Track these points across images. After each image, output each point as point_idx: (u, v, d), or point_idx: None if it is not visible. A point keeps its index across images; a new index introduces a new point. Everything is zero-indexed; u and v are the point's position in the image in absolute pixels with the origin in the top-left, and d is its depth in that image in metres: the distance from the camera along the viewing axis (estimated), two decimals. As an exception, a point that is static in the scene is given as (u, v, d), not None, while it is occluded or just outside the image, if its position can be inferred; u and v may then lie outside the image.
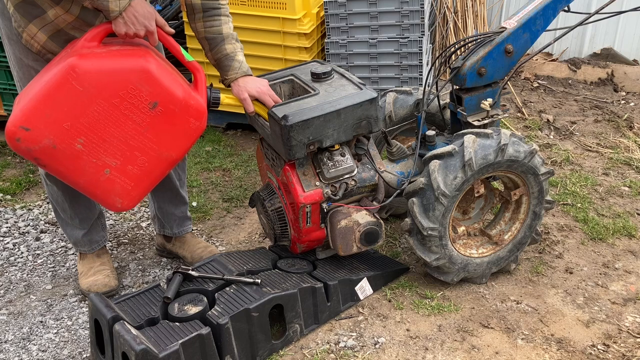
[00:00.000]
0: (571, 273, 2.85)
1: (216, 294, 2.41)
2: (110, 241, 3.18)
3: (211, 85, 2.47)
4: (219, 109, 4.18)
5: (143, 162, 2.27)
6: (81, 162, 2.20)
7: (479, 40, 2.70)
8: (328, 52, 3.81)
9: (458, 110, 2.75)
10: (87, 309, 2.68)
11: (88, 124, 2.16)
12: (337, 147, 2.54)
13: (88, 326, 2.56)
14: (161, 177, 2.37)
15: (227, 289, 2.44)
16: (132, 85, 2.14)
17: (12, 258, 3.09)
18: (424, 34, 3.69)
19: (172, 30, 2.27)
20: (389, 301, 2.70)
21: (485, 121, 2.70)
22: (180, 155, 2.32)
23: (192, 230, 3.04)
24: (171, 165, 2.34)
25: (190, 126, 2.27)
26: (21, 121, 2.10)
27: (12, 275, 2.97)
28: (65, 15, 2.26)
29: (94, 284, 2.76)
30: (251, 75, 2.52)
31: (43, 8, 2.24)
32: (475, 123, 2.69)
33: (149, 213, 3.15)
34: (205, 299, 2.39)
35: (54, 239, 3.20)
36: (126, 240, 3.19)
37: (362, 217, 2.56)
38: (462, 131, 2.62)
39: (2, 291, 2.88)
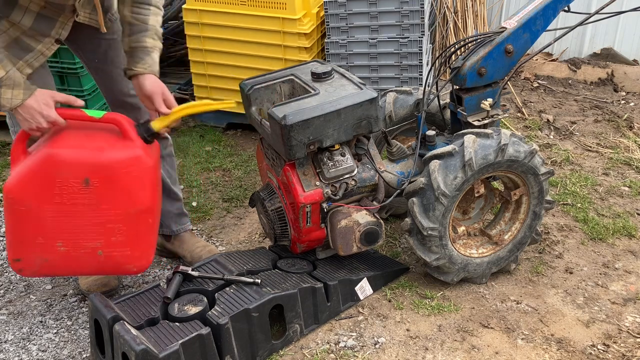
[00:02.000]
0: (571, 273, 2.85)
1: (216, 294, 2.41)
2: (110, 241, 3.18)
3: (138, 122, 2.35)
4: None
5: (120, 228, 2.28)
6: (75, 258, 2.31)
7: (479, 40, 2.70)
8: (328, 52, 3.81)
9: (458, 110, 2.75)
10: (87, 309, 2.68)
11: (53, 229, 2.24)
12: (337, 147, 2.54)
13: (88, 326, 2.56)
14: (152, 227, 2.39)
15: (227, 289, 2.43)
16: (58, 178, 2.18)
17: (12, 258, 3.08)
18: (424, 34, 3.69)
19: (82, 103, 2.25)
20: (389, 301, 2.70)
21: (485, 121, 2.70)
22: (148, 201, 2.31)
23: (192, 229, 3.04)
24: (149, 213, 2.33)
25: (134, 174, 2.23)
26: (11, 256, 2.31)
27: (12, 275, 2.97)
28: (17, 27, 2.24)
29: (94, 284, 2.75)
30: (157, 76, 2.36)
31: None
32: (476, 123, 2.69)
33: None
34: (205, 299, 2.39)
35: (54, 239, 3.20)
36: (126, 240, 3.19)
37: (362, 217, 2.56)
38: (462, 131, 2.62)
39: (2, 291, 2.88)
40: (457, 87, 2.73)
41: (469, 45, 2.75)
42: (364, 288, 2.69)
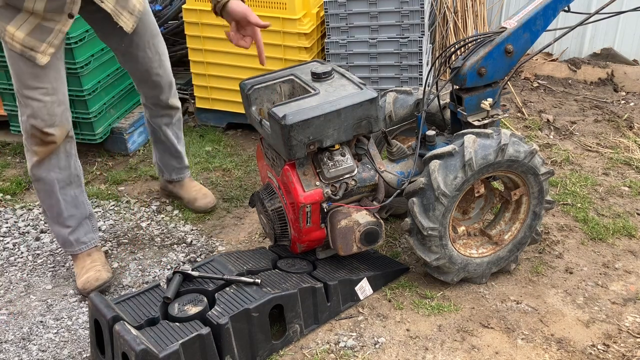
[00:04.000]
0: (571, 273, 2.85)
1: (216, 294, 2.41)
2: (110, 241, 3.18)
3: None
4: (219, 108, 4.20)
5: None
6: None
7: (479, 40, 2.70)
8: (328, 52, 3.81)
9: (458, 110, 2.75)
10: (87, 309, 2.68)
11: None
12: (337, 147, 2.54)
13: (88, 326, 2.56)
14: None
15: (227, 289, 2.44)
16: None
17: (12, 258, 3.09)
18: (424, 34, 3.69)
19: None
20: (389, 301, 2.70)
21: (485, 121, 2.70)
22: None
23: (189, 176, 3.42)
24: None
25: None
26: None
27: (12, 275, 2.97)
28: (35, 14, 2.39)
29: (87, 282, 2.77)
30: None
31: (17, 8, 2.38)
32: (476, 123, 2.69)
33: (152, 159, 3.41)
34: (205, 299, 2.39)
35: (54, 239, 3.20)
36: (126, 240, 3.19)
37: (362, 217, 2.56)
38: (462, 131, 2.62)
39: (2, 291, 2.88)
40: (457, 87, 2.73)
41: (469, 45, 2.75)
42: (364, 288, 2.70)
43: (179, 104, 3.14)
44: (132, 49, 2.79)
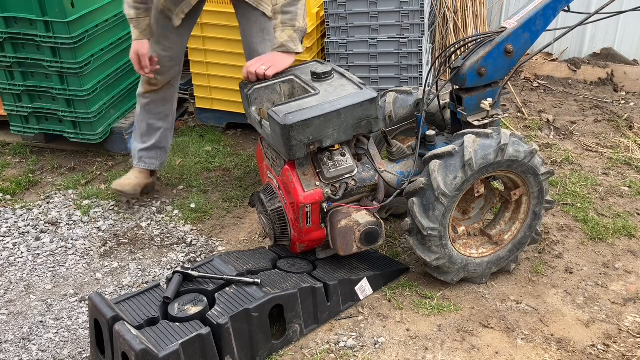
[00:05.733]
0: (571, 273, 2.85)
1: (216, 294, 2.41)
2: (110, 241, 3.18)
3: None
4: (219, 108, 4.20)
5: None
6: None
7: (479, 40, 2.70)
8: (328, 52, 3.81)
9: (458, 110, 2.75)
10: (87, 309, 2.68)
11: None
12: (337, 147, 2.54)
13: (88, 326, 2.56)
14: None
15: (227, 289, 2.44)
16: None
17: (12, 258, 3.08)
18: (424, 34, 3.69)
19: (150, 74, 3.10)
20: (389, 301, 2.70)
21: (485, 121, 2.70)
22: None
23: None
24: None
25: None
26: None
27: (12, 275, 2.97)
28: None
29: (117, 182, 3.34)
30: (279, 52, 2.73)
31: None
32: (475, 123, 2.69)
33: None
34: (205, 299, 2.39)
35: (54, 239, 3.20)
36: (126, 240, 3.19)
37: (362, 217, 2.56)
38: (462, 131, 2.62)
39: (2, 291, 2.88)
40: (457, 87, 2.73)
41: (469, 45, 2.75)
42: (364, 288, 2.70)
43: None
44: (242, 21, 3.17)
